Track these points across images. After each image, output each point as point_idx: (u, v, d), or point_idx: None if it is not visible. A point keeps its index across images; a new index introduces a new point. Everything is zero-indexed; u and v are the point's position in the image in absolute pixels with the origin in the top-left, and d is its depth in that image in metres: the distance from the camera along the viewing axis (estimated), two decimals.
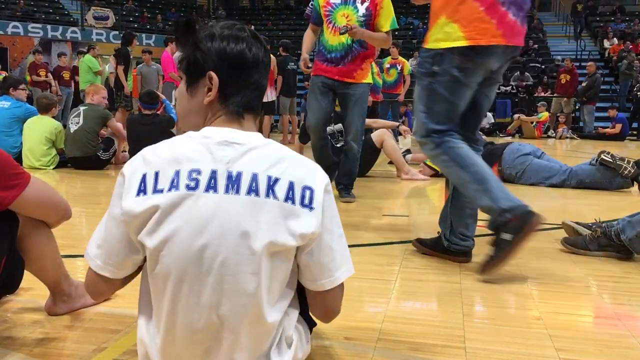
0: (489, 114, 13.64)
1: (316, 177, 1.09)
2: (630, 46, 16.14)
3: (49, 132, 5.39)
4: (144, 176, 1.05)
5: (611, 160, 4.42)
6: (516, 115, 12.93)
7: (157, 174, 1.04)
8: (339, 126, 4.62)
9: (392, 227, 3.00)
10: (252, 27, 20.47)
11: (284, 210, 1.04)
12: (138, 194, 1.04)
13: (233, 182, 1.04)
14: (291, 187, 1.05)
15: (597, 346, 1.49)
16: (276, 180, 1.05)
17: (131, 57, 8.69)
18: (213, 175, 1.04)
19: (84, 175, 5.13)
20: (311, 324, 1.28)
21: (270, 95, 8.73)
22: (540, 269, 2.22)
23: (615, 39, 17.37)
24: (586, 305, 1.86)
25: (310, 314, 1.23)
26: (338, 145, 4.66)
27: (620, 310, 1.77)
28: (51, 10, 19.10)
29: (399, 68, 8.96)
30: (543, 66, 16.73)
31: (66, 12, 19.51)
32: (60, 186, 4.53)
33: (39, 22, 17.35)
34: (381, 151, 5.12)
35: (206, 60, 1.11)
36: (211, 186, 1.03)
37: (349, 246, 1.18)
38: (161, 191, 1.03)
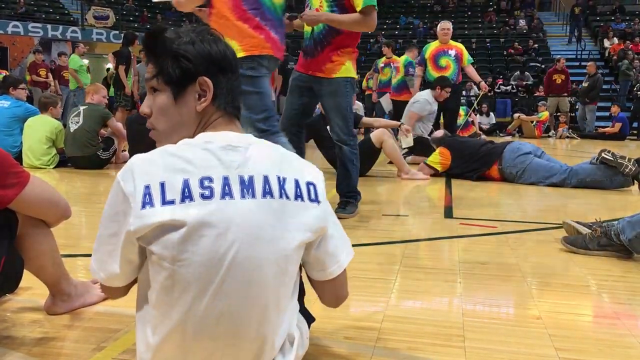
0: (491, 114, 13.64)
1: (313, 171, 1.13)
2: (631, 46, 16.12)
3: (49, 131, 5.39)
4: (148, 187, 0.99)
5: (612, 159, 4.40)
6: (516, 115, 12.91)
7: (162, 185, 0.99)
8: None
9: (392, 227, 3.00)
10: None
11: (297, 207, 1.06)
12: (144, 207, 0.98)
13: (247, 187, 1.03)
14: (297, 184, 1.08)
15: (597, 345, 1.49)
16: (284, 179, 1.07)
17: (132, 57, 8.70)
18: (226, 181, 1.02)
19: (84, 174, 5.13)
20: (309, 320, 1.29)
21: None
22: (540, 268, 2.22)
23: (615, 38, 17.35)
24: (586, 304, 1.86)
25: (322, 303, 1.25)
26: None
27: (619, 310, 1.77)
28: (51, 10, 19.10)
29: (394, 67, 8.95)
30: (543, 66, 16.72)
31: (66, 12, 19.51)
32: (60, 185, 4.53)
33: (39, 22, 17.35)
34: (381, 150, 5.11)
35: (195, 65, 1.09)
36: (226, 192, 1.01)
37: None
38: (172, 202, 0.98)
